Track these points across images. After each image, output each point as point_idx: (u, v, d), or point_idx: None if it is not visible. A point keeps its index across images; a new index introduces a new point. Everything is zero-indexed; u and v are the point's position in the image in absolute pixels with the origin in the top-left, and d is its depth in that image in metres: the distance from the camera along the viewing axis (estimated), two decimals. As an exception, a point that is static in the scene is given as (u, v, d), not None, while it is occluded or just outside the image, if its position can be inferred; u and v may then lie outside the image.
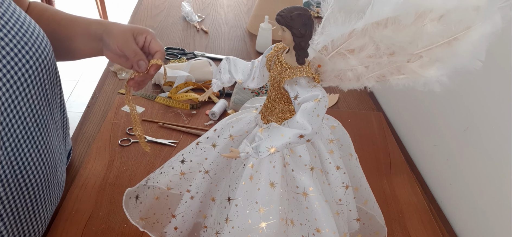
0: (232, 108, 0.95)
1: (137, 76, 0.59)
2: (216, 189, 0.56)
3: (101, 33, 0.60)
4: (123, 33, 0.58)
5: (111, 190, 0.71)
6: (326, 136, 0.53)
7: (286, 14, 0.41)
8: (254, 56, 1.22)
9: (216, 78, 0.54)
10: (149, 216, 0.60)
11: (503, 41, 0.63)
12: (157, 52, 0.59)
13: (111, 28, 0.59)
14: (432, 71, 0.41)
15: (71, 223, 0.64)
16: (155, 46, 0.60)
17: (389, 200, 0.77)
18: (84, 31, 0.63)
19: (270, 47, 0.49)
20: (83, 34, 0.63)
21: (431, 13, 0.38)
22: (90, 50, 0.65)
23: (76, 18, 0.65)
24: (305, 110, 0.42)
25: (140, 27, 0.60)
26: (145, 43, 0.60)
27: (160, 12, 1.44)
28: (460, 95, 0.76)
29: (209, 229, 0.58)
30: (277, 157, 0.48)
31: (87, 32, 0.63)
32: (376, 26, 0.40)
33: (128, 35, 0.58)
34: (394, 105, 1.05)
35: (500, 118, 0.65)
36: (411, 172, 0.85)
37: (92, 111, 0.91)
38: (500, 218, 0.65)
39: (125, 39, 0.58)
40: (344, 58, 0.43)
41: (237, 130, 0.51)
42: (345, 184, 0.52)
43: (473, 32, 0.38)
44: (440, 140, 0.83)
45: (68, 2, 3.58)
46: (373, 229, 0.63)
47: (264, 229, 0.48)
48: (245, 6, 1.60)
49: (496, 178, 0.67)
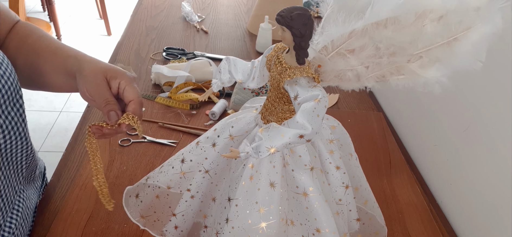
0: (232, 108, 0.95)
1: (105, 127, 0.50)
2: (216, 189, 0.56)
3: (75, 71, 0.54)
4: (94, 75, 0.51)
5: (111, 190, 0.70)
6: (326, 136, 0.53)
7: (286, 14, 0.41)
8: (254, 56, 1.22)
9: (216, 78, 0.54)
10: (150, 214, 0.60)
11: (503, 41, 0.63)
12: (131, 102, 0.51)
13: (83, 67, 0.53)
14: (432, 71, 0.41)
15: (71, 223, 0.64)
16: (129, 95, 0.51)
17: (389, 200, 0.77)
18: (61, 67, 0.56)
19: (270, 47, 0.49)
20: (61, 71, 0.56)
21: (431, 13, 0.38)
22: (67, 87, 0.58)
23: (56, 49, 0.58)
24: (305, 110, 0.42)
25: (116, 69, 0.53)
26: (119, 90, 0.52)
27: (160, 12, 1.44)
28: (460, 95, 0.76)
29: (209, 229, 0.58)
30: (277, 157, 0.48)
31: (64, 68, 0.56)
32: (376, 26, 0.40)
33: (100, 78, 0.51)
34: (394, 105, 1.05)
35: (500, 118, 0.65)
36: (411, 172, 0.85)
37: (92, 112, 0.91)
38: (500, 218, 0.65)
39: (96, 83, 0.51)
40: (344, 58, 0.43)
41: (237, 130, 0.51)
42: (345, 184, 0.52)
43: (473, 32, 0.38)
44: (440, 140, 0.83)
45: (68, 2, 3.58)
46: (373, 229, 0.63)
47: (264, 229, 0.48)
48: (245, 6, 1.60)
49: (496, 178, 0.67)
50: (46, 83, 0.59)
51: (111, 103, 0.50)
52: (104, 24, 3.10)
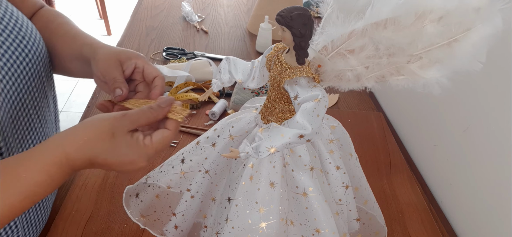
0: (232, 108, 0.95)
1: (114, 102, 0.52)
2: (216, 189, 0.56)
3: (90, 57, 0.56)
4: (107, 59, 0.54)
5: (111, 190, 0.71)
6: (326, 136, 0.53)
7: (286, 14, 0.41)
8: (254, 56, 1.22)
9: (216, 78, 0.54)
10: (150, 214, 0.60)
11: (503, 42, 0.63)
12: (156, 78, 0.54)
13: (97, 52, 0.55)
14: (432, 72, 0.41)
15: (71, 223, 0.64)
16: (151, 71, 0.54)
17: (389, 200, 0.77)
18: (77, 53, 0.59)
19: (270, 47, 0.49)
20: (77, 57, 0.59)
21: (431, 14, 0.38)
22: (82, 73, 0.61)
23: (74, 35, 0.61)
24: (305, 110, 0.42)
25: (129, 51, 0.55)
26: (136, 70, 0.54)
27: (160, 12, 1.44)
28: (460, 95, 0.76)
29: (209, 229, 0.58)
30: (277, 157, 0.48)
31: (80, 54, 0.58)
32: (375, 26, 0.40)
33: (113, 61, 0.53)
34: (394, 105, 1.05)
35: (500, 118, 0.65)
36: (411, 172, 0.85)
37: (92, 111, 0.91)
38: (500, 218, 0.65)
39: (108, 65, 0.53)
40: (344, 58, 0.43)
41: (237, 130, 0.51)
42: (345, 184, 0.53)
43: (473, 33, 0.38)
44: (440, 140, 0.83)
45: (68, 2, 3.58)
46: (373, 229, 0.63)
47: (264, 229, 0.48)
48: (245, 6, 1.60)
49: (496, 178, 0.67)
50: (65, 67, 0.62)
51: (118, 81, 0.52)
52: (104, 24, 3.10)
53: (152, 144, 0.43)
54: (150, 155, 0.43)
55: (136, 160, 0.42)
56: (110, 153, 0.41)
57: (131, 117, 0.43)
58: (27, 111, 0.51)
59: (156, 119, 0.45)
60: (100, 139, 0.41)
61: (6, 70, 0.47)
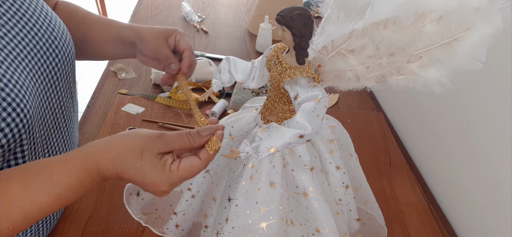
0: (232, 108, 0.95)
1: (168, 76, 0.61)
2: (217, 189, 0.56)
3: (133, 39, 0.63)
4: (155, 38, 0.60)
5: (111, 190, 0.71)
6: (326, 136, 0.53)
7: (286, 14, 0.41)
8: (254, 56, 1.22)
9: (216, 78, 0.54)
10: (151, 212, 0.60)
11: (503, 41, 0.63)
12: (185, 51, 0.61)
13: (143, 33, 0.61)
14: (432, 72, 0.41)
15: (71, 223, 0.64)
16: (183, 44, 0.61)
17: (389, 200, 0.77)
18: (116, 36, 0.65)
19: (270, 47, 0.49)
20: (116, 40, 0.65)
21: (431, 14, 0.38)
22: (122, 54, 0.69)
23: (106, 22, 0.67)
24: (305, 110, 0.42)
25: (170, 28, 0.62)
26: (175, 43, 0.61)
27: (160, 12, 1.44)
28: (460, 95, 0.76)
29: (209, 229, 0.58)
30: (277, 157, 0.48)
31: (119, 37, 0.65)
32: (375, 26, 0.40)
33: (161, 40, 0.60)
34: (394, 105, 1.05)
35: (500, 118, 0.65)
36: (411, 172, 0.85)
37: (92, 112, 0.91)
38: (500, 218, 0.65)
39: (158, 44, 0.60)
40: (344, 58, 0.44)
41: (237, 130, 0.51)
42: (345, 184, 0.53)
43: (474, 33, 0.38)
44: (440, 140, 0.83)
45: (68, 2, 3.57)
46: (373, 229, 0.63)
47: (264, 229, 0.48)
48: (245, 6, 1.60)
49: (496, 178, 0.67)
50: (98, 52, 0.68)
51: (170, 58, 0.59)
52: (104, 24, 3.10)
53: (178, 172, 0.42)
54: (173, 181, 0.42)
55: (159, 183, 0.42)
56: (136, 170, 0.41)
57: (167, 139, 0.43)
58: (53, 110, 0.53)
59: (192, 146, 0.44)
60: (129, 155, 0.41)
61: (37, 70, 0.49)
